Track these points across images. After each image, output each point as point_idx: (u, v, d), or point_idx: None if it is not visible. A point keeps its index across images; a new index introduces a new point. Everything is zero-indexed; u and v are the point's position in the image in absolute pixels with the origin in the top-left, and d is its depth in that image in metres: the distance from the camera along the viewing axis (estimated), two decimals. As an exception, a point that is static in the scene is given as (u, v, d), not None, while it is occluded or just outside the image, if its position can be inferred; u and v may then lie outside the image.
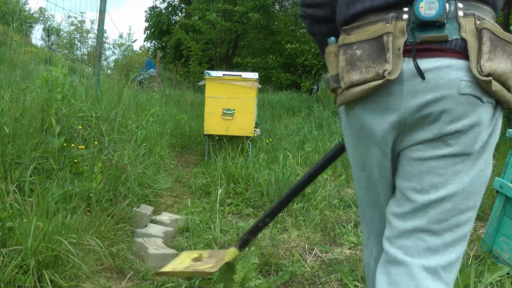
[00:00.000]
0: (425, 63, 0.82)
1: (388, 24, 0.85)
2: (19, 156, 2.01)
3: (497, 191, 1.99)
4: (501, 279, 1.80)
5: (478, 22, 0.83)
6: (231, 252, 1.37)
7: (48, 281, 1.39)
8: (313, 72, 12.18)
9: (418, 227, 0.88)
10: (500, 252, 1.93)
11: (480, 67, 0.79)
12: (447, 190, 0.85)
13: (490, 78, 0.80)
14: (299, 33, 13.24)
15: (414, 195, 0.88)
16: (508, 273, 1.85)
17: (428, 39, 0.83)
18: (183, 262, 1.35)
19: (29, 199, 1.67)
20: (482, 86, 0.81)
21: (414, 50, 0.83)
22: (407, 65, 0.83)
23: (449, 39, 0.82)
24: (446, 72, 0.81)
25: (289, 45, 11.42)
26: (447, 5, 0.82)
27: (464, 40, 0.82)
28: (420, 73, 0.81)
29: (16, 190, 1.71)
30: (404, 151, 0.91)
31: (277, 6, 15.11)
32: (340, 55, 0.92)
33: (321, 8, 1.08)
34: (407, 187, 0.90)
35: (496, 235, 1.97)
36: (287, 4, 15.35)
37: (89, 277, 1.59)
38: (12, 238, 1.44)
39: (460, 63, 0.81)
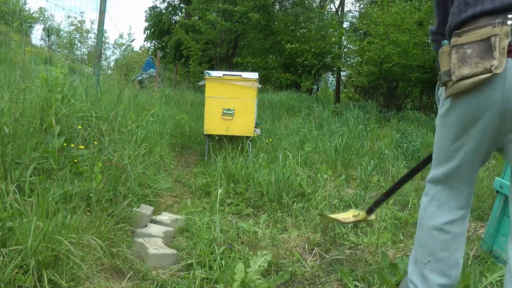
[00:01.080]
0: None
1: (495, 28, 1.06)
2: (19, 156, 2.01)
3: (497, 191, 1.99)
4: (501, 279, 1.80)
5: None
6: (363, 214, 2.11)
7: (48, 281, 1.39)
8: (312, 72, 12.18)
9: None
10: (500, 252, 1.93)
11: None
12: None
13: None
14: (299, 33, 13.24)
15: None
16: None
17: None
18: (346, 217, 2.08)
19: (29, 199, 1.67)
20: None
21: (510, 51, 1.03)
22: (511, 64, 1.04)
23: None
24: None
25: (289, 45, 11.42)
26: None
27: None
28: None
29: (16, 190, 1.71)
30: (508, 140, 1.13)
31: (277, 6, 15.10)
32: (453, 54, 1.13)
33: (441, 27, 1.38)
34: None
35: (496, 235, 1.97)
36: (287, 4, 15.35)
37: (89, 277, 1.59)
38: (12, 238, 1.44)
39: None
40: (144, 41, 22.52)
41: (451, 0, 1.26)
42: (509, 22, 1.05)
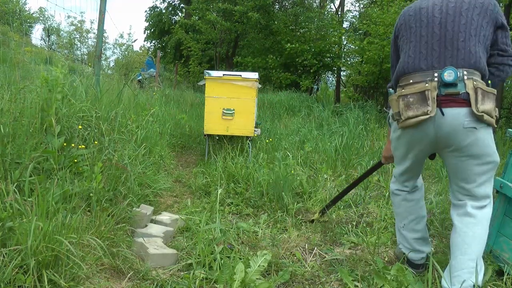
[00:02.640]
0: (448, 111, 1.53)
1: (427, 84, 1.55)
2: (19, 156, 2.01)
3: (497, 191, 1.98)
4: (502, 279, 1.80)
5: (474, 83, 1.51)
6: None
7: (48, 281, 1.39)
8: (312, 71, 12.18)
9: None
10: (500, 252, 1.93)
11: (478, 108, 1.49)
12: None
13: (483, 113, 1.49)
14: (298, 33, 13.23)
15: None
16: (508, 273, 1.85)
17: (449, 93, 1.52)
18: None
19: (29, 199, 1.67)
20: (479, 118, 1.50)
21: (439, 101, 1.54)
22: (438, 110, 1.53)
23: (460, 93, 1.51)
24: (458, 116, 1.52)
25: (288, 44, 11.41)
26: (458, 73, 1.51)
27: (467, 93, 1.50)
28: (442, 113, 1.53)
29: (16, 190, 1.71)
30: (443, 152, 1.67)
31: (277, 6, 15.10)
32: (400, 101, 1.63)
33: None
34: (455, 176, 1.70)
35: (496, 235, 1.97)
36: (287, 4, 15.34)
37: (89, 277, 1.59)
38: (12, 238, 1.44)
39: (465, 110, 1.51)
40: (144, 41, 22.52)
41: (399, 56, 1.79)
42: (435, 79, 1.54)
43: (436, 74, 1.54)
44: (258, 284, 1.70)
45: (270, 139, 4.74)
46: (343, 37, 11.88)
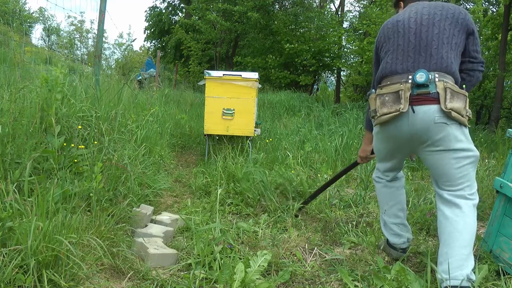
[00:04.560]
0: (419, 108, 1.67)
1: (401, 85, 1.70)
2: (19, 156, 2.01)
3: (497, 191, 1.98)
4: (501, 279, 1.80)
5: (444, 83, 1.65)
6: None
7: (48, 281, 1.39)
8: (310, 69, 12.18)
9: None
10: (500, 252, 1.93)
11: (446, 105, 1.62)
12: None
13: (451, 110, 1.62)
14: (298, 33, 13.23)
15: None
16: (508, 273, 1.85)
17: (421, 92, 1.67)
18: None
19: (29, 199, 1.67)
20: (447, 115, 1.63)
21: (411, 100, 1.68)
22: (410, 108, 1.67)
23: (431, 92, 1.65)
24: (429, 112, 1.65)
25: (288, 44, 11.41)
26: (430, 75, 1.66)
27: (438, 93, 1.65)
28: (413, 111, 1.67)
29: (16, 190, 1.71)
30: (420, 150, 1.78)
31: (277, 6, 15.09)
32: (377, 99, 1.79)
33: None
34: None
35: (496, 235, 1.97)
36: (287, 4, 15.34)
37: (89, 277, 1.59)
38: (12, 238, 1.44)
39: (435, 107, 1.65)
40: (144, 41, 22.52)
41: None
42: (409, 81, 1.69)
43: (410, 77, 1.69)
44: (258, 284, 1.70)
45: (270, 139, 4.74)
46: (343, 37, 11.88)
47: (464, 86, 1.77)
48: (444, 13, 1.74)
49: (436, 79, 1.65)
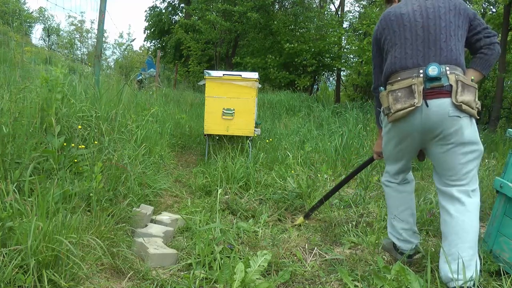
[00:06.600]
0: (433, 102, 1.67)
1: (413, 80, 1.69)
2: (19, 156, 2.01)
3: (497, 191, 1.98)
4: (502, 279, 1.80)
5: (456, 76, 1.66)
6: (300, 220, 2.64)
7: (48, 281, 1.39)
8: (309, 70, 12.17)
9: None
10: (500, 252, 1.93)
11: (457, 98, 1.64)
12: None
13: (461, 103, 1.64)
14: (298, 33, 13.22)
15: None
16: (508, 273, 1.85)
17: (434, 86, 1.66)
18: None
19: (29, 199, 1.67)
20: (458, 108, 1.65)
21: (425, 94, 1.67)
22: (424, 102, 1.67)
23: (444, 85, 1.66)
24: (443, 106, 1.66)
25: (287, 44, 11.41)
26: (442, 68, 1.66)
27: (451, 85, 1.65)
28: (427, 105, 1.67)
29: (16, 190, 1.71)
30: (430, 144, 1.78)
31: (277, 6, 15.10)
32: (389, 96, 1.76)
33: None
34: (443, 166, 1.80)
35: (496, 235, 1.97)
36: (286, 4, 15.34)
37: (89, 277, 1.59)
38: (12, 238, 1.44)
39: (448, 100, 1.66)
40: (144, 41, 22.52)
41: (384, 58, 1.91)
42: (421, 75, 1.68)
43: (421, 71, 1.69)
44: (258, 284, 1.70)
45: (270, 139, 4.74)
46: (342, 37, 11.87)
47: (481, 71, 1.78)
48: (447, 5, 1.75)
49: (448, 72, 1.66)
